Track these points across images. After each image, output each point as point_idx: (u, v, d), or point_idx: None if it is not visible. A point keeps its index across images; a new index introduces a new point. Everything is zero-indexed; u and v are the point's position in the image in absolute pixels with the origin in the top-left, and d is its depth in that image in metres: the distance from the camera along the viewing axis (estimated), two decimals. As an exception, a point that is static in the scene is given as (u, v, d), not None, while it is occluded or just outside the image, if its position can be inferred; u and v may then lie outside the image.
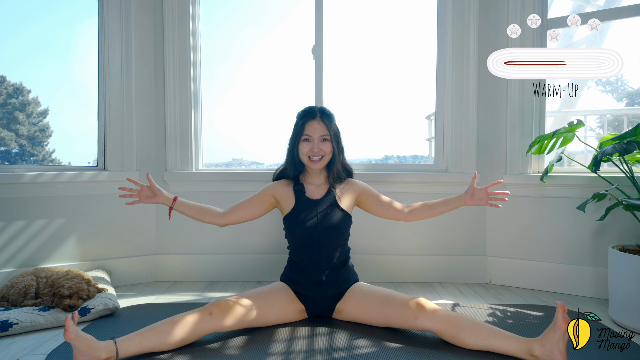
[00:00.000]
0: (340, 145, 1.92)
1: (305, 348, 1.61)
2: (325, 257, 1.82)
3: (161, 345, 1.51)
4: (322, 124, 1.84)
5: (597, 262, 2.31)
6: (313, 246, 1.81)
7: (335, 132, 1.90)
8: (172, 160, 2.64)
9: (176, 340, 1.53)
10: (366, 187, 1.96)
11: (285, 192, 1.90)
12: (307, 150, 1.84)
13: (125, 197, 1.81)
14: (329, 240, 1.82)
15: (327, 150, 1.85)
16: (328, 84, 2.70)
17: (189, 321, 1.55)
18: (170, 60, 2.60)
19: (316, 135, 1.83)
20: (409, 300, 1.65)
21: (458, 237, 2.59)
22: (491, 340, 1.51)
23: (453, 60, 2.55)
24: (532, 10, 2.40)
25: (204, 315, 1.58)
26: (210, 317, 1.58)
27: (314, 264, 1.81)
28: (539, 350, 1.42)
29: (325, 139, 1.84)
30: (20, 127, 4.40)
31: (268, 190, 1.92)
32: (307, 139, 1.84)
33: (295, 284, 1.85)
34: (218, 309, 1.60)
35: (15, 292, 1.94)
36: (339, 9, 2.79)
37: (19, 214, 2.29)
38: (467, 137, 2.55)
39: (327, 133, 1.84)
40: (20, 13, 2.80)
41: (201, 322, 1.57)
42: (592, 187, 2.25)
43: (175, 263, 2.64)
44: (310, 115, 1.86)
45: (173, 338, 1.52)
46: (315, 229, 1.81)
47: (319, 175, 1.92)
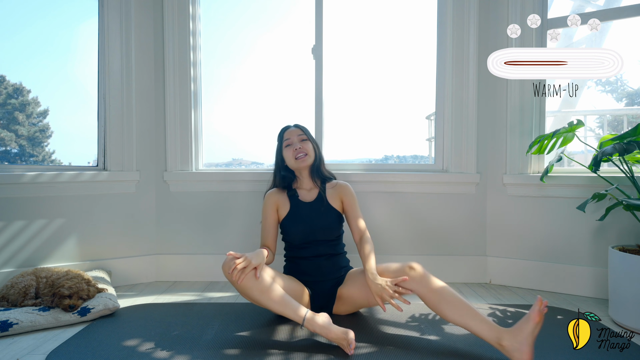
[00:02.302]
0: (319, 147, 2.12)
1: (306, 348, 1.61)
2: (322, 251, 1.96)
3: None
4: (297, 129, 2.09)
5: (597, 262, 2.31)
6: (310, 245, 1.96)
7: (312, 137, 2.11)
8: (172, 160, 2.64)
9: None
10: (349, 197, 2.03)
11: (281, 199, 2.04)
12: (291, 152, 2.02)
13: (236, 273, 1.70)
14: (324, 238, 1.96)
15: (309, 148, 2.03)
16: (328, 84, 2.71)
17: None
18: (170, 60, 2.60)
19: (295, 137, 2.04)
20: (404, 265, 1.73)
21: (458, 237, 2.59)
22: (468, 319, 1.55)
23: (453, 60, 2.55)
24: (532, 10, 2.40)
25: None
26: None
27: (313, 256, 1.94)
28: (508, 342, 1.45)
29: (303, 139, 2.05)
30: (20, 128, 4.39)
31: (270, 203, 2.04)
32: (289, 144, 2.04)
33: (298, 274, 1.96)
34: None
35: (15, 292, 1.94)
36: (339, 9, 2.79)
37: (19, 214, 2.29)
38: (467, 137, 2.55)
39: (303, 134, 2.07)
40: (20, 13, 2.80)
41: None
42: (592, 187, 2.25)
43: (175, 263, 2.64)
44: (286, 127, 2.12)
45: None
46: (310, 228, 1.94)
47: (307, 180, 2.07)
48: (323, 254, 1.95)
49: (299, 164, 2.01)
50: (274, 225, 2.03)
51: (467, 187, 2.58)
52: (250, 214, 2.61)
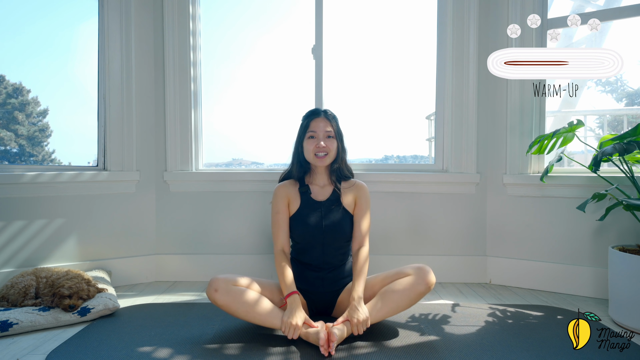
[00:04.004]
0: (343, 145, 1.97)
1: (305, 348, 1.61)
2: (328, 257, 1.86)
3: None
4: (326, 121, 1.90)
5: (597, 262, 2.31)
6: (317, 247, 1.86)
7: (339, 131, 1.95)
8: (172, 160, 2.63)
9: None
10: (362, 199, 1.92)
11: (292, 193, 1.92)
12: (313, 147, 1.87)
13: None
14: (333, 241, 1.86)
15: (332, 147, 1.88)
16: (328, 84, 2.70)
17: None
18: (170, 60, 2.60)
19: (321, 132, 1.87)
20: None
21: (458, 237, 2.60)
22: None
23: (453, 60, 2.55)
24: (532, 10, 2.40)
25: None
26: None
27: (317, 264, 1.85)
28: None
29: (330, 135, 1.89)
30: (19, 127, 4.39)
31: (282, 196, 1.91)
32: (313, 136, 1.88)
33: (299, 281, 1.87)
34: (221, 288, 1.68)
35: (15, 292, 1.94)
36: (339, 9, 2.79)
37: (19, 214, 2.29)
38: (467, 137, 2.55)
39: (331, 130, 1.89)
40: (20, 13, 2.80)
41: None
42: (592, 187, 2.25)
43: (175, 263, 2.64)
44: (315, 114, 1.92)
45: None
46: (319, 231, 1.84)
47: (323, 176, 1.94)
48: (328, 265, 1.85)
49: (317, 162, 1.88)
50: (287, 221, 1.89)
51: (467, 187, 2.58)
52: (250, 214, 2.61)
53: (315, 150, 1.86)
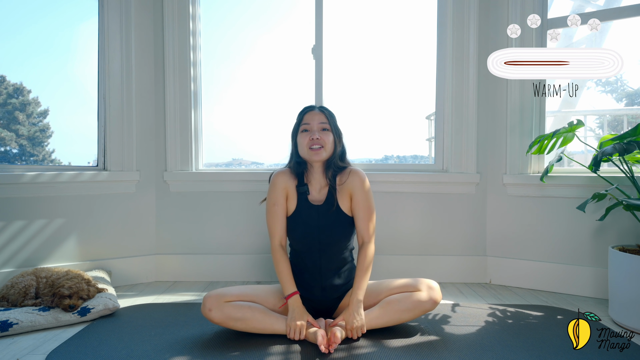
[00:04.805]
0: (342, 142, 1.86)
1: (305, 348, 1.61)
2: (326, 262, 1.79)
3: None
4: (320, 114, 1.81)
5: (597, 262, 2.31)
6: (314, 252, 1.79)
7: (336, 126, 1.85)
8: (172, 160, 2.64)
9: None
10: (357, 192, 1.79)
11: (291, 188, 1.81)
12: (307, 140, 1.76)
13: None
14: (331, 246, 1.79)
15: (327, 140, 1.77)
16: (328, 84, 2.70)
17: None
18: (170, 60, 2.60)
19: (315, 123, 1.78)
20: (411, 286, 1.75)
21: (458, 237, 2.59)
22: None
23: (453, 60, 2.55)
24: (532, 10, 2.40)
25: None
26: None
27: (316, 270, 1.80)
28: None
29: (324, 128, 1.78)
30: (20, 127, 4.39)
31: (280, 187, 1.81)
32: (306, 129, 1.79)
33: (301, 287, 1.80)
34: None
35: (15, 292, 1.94)
36: (339, 9, 2.79)
37: (19, 214, 2.29)
38: (467, 137, 2.55)
39: (326, 122, 1.79)
40: (20, 13, 2.80)
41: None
42: (592, 187, 2.25)
43: (175, 263, 2.64)
44: (309, 108, 1.86)
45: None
46: (315, 236, 1.77)
47: (319, 176, 1.82)
48: (327, 270, 1.79)
49: (311, 156, 1.76)
50: (285, 214, 1.79)
51: (467, 187, 2.58)
52: (250, 214, 2.61)
53: (310, 143, 1.75)
